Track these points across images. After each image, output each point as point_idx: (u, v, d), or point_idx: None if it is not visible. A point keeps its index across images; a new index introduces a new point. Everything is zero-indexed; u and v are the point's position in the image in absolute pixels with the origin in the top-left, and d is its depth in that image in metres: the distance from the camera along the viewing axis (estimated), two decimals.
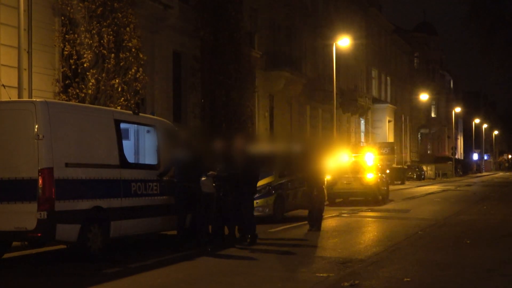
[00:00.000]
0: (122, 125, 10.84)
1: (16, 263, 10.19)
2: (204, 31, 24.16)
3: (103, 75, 16.50)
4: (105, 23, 16.53)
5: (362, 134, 51.60)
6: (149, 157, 11.81)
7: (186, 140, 11.96)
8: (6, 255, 10.38)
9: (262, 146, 15.97)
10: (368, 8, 52.46)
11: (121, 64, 16.83)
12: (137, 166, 11.30)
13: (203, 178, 11.46)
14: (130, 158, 11.20)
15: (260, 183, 15.49)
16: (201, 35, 24.19)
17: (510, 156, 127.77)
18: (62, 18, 16.93)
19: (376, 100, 55.09)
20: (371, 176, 23.62)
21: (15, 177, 9.20)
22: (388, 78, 60.56)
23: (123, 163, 10.56)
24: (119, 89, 16.67)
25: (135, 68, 17.17)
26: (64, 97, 16.20)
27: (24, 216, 9.09)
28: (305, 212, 15.27)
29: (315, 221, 14.32)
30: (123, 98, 16.72)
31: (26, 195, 9.12)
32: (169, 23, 22.65)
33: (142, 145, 11.86)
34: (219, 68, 24.33)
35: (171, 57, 23.55)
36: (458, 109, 76.14)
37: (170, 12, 22.38)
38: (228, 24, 24.58)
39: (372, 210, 20.44)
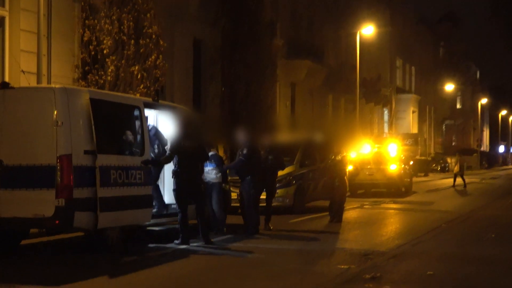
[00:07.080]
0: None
1: (33, 250, 10.16)
2: (224, 21, 24.01)
3: (123, 61, 16.38)
4: (125, 9, 16.38)
5: (386, 125, 51.09)
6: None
7: (189, 127, 11.03)
8: (23, 242, 10.36)
9: (283, 135, 15.79)
10: None
11: (141, 51, 16.70)
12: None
13: (207, 168, 11.27)
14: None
15: (281, 173, 15.33)
16: (221, 24, 24.04)
17: None
18: (82, 3, 16.81)
19: (400, 90, 54.45)
20: (394, 168, 23.32)
21: (34, 164, 9.10)
22: (412, 68, 59.84)
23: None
24: (139, 76, 16.55)
25: (155, 55, 17.03)
26: (83, 83, 16.11)
27: (42, 203, 8.99)
28: (326, 203, 15.07)
29: (336, 212, 14.12)
30: (142, 85, 16.62)
31: (45, 182, 9.01)
32: (190, 11, 22.48)
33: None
34: (239, 58, 24.17)
35: (191, 46, 23.40)
36: (484, 101, 75.03)
37: (190, 0, 22.20)
38: (248, 14, 24.40)
39: (395, 202, 20.16)
